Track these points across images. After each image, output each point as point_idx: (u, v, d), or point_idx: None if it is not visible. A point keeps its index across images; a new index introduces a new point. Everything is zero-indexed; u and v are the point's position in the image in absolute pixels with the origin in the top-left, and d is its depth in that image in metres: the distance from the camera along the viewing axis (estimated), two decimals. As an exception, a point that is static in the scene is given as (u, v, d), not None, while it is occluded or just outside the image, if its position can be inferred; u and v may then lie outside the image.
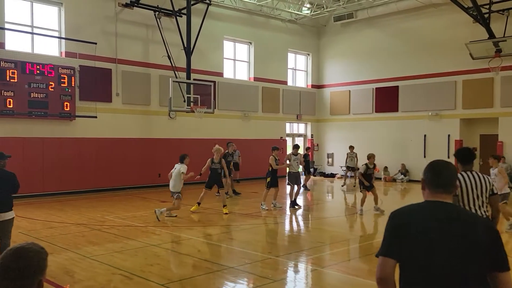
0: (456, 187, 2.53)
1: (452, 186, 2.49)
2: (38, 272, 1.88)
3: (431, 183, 2.49)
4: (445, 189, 2.47)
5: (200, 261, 7.51)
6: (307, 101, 24.67)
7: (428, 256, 2.31)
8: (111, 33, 17.15)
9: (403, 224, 2.42)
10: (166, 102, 17.21)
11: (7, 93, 14.34)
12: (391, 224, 2.47)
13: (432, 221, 2.36)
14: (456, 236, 2.30)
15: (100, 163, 16.65)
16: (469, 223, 2.37)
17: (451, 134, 20.22)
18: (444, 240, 2.30)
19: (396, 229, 2.43)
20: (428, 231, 2.35)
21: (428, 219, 2.38)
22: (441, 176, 2.49)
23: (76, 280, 6.48)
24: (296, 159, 13.42)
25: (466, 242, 2.29)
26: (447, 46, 20.03)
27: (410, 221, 2.41)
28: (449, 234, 2.31)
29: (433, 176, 2.50)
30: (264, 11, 22.22)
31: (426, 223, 2.37)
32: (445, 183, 2.48)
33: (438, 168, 2.53)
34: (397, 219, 2.46)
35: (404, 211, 2.50)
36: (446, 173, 2.50)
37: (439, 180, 2.48)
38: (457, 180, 2.55)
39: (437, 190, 2.47)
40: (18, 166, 14.66)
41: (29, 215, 11.71)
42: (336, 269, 7.25)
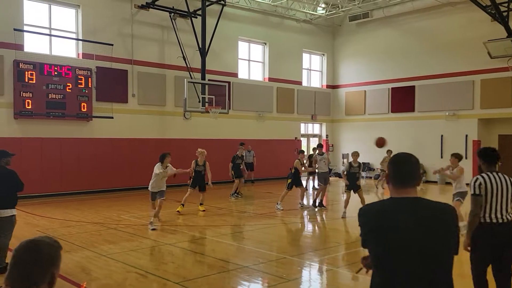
0: (420, 179, 2.51)
1: (414, 179, 2.47)
2: (50, 264, 1.90)
3: (394, 178, 2.49)
4: (409, 183, 2.45)
5: (215, 260, 7.54)
6: (322, 101, 24.57)
7: (400, 254, 2.33)
8: (127, 35, 17.34)
9: (372, 225, 2.44)
10: (181, 102, 17.33)
11: (26, 94, 14.60)
12: (361, 221, 2.51)
13: (401, 220, 2.36)
14: (425, 231, 2.32)
15: (116, 163, 16.84)
16: (434, 214, 2.39)
17: (468, 134, 19.93)
18: (413, 236, 2.31)
19: (366, 227, 2.47)
20: (396, 230, 2.35)
21: (396, 218, 2.38)
22: (401, 171, 2.48)
23: (93, 277, 6.56)
24: (322, 159, 13.24)
25: (435, 234, 2.32)
26: (465, 45, 19.76)
27: (378, 222, 2.42)
28: (417, 229, 2.32)
29: (395, 171, 2.50)
30: (278, 12, 22.22)
31: (396, 223, 2.37)
32: (406, 177, 2.47)
33: (399, 162, 2.52)
34: (364, 218, 2.49)
35: (371, 210, 2.51)
36: (407, 167, 2.49)
37: (400, 175, 2.48)
38: (419, 171, 2.52)
39: (400, 185, 2.46)
40: (37, 166, 14.97)
41: (47, 214, 11.91)
42: (350, 269, 7.20)
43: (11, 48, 14.42)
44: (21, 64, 14.53)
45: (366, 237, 2.49)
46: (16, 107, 14.53)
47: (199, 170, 12.33)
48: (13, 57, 14.46)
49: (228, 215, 12.18)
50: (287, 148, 22.43)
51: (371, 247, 2.47)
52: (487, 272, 4.67)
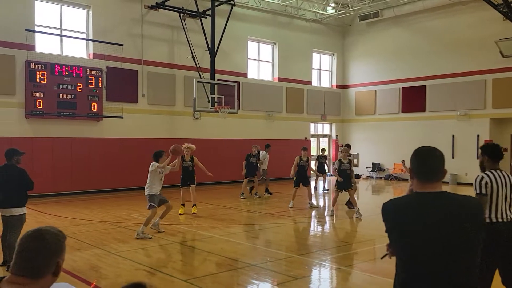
0: (444, 173, 2.44)
1: (439, 174, 2.42)
2: (54, 253, 1.91)
3: (418, 172, 2.44)
4: (432, 178, 2.40)
5: (223, 258, 7.53)
6: (331, 101, 24.47)
7: (425, 251, 2.28)
8: (137, 35, 17.44)
9: (396, 221, 2.40)
10: (190, 102, 17.37)
11: (37, 94, 14.75)
12: (385, 216, 2.47)
13: (427, 216, 2.32)
14: (452, 226, 2.27)
15: (126, 163, 16.92)
16: (461, 208, 2.33)
17: (480, 134, 19.69)
18: (440, 232, 2.27)
19: (389, 222, 2.43)
20: (421, 225, 2.31)
21: (420, 212, 2.34)
22: (426, 165, 2.43)
23: (102, 275, 6.59)
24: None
25: (462, 229, 2.27)
26: (476, 44, 19.55)
27: (402, 217, 2.38)
28: (447, 226, 2.27)
29: (419, 165, 2.45)
30: (288, 11, 22.18)
31: (421, 218, 2.32)
32: (431, 171, 2.41)
33: (423, 156, 2.47)
34: (388, 214, 2.45)
35: (395, 205, 2.47)
36: (432, 161, 2.44)
37: (425, 169, 2.42)
38: (444, 165, 2.46)
39: (425, 179, 2.41)
40: (48, 165, 15.11)
41: (57, 212, 12.00)
42: (360, 269, 7.15)
43: (23, 48, 14.57)
44: (32, 65, 14.68)
45: (390, 232, 2.45)
46: (27, 107, 14.68)
47: (186, 166, 11.91)
48: (24, 57, 14.62)
49: (237, 214, 12.18)
50: (297, 148, 22.33)
51: (394, 243, 2.43)
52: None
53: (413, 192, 2.49)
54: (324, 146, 21.40)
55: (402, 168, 10.10)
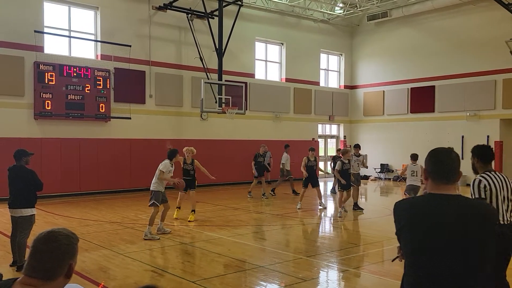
0: (459, 175, 2.40)
1: (454, 175, 2.38)
2: (67, 255, 1.92)
3: (434, 173, 2.39)
4: (448, 179, 2.36)
5: (231, 259, 7.50)
6: (339, 102, 24.37)
7: (435, 254, 2.25)
8: (145, 36, 17.48)
9: (407, 221, 2.37)
10: (198, 103, 17.37)
11: (46, 95, 14.83)
12: (396, 216, 2.44)
13: (439, 217, 2.28)
14: (465, 230, 2.23)
15: (134, 164, 16.96)
16: (477, 214, 2.28)
17: (490, 135, 19.50)
18: (452, 235, 2.23)
19: (401, 223, 2.40)
20: (433, 227, 2.27)
21: (433, 214, 2.30)
22: (443, 165, 2.38)
23: (111, 276, 6.58)
24: (357, 160, 13.06)
25: (475, 234, 2.23)
26: (486, 44, 19.36)
27: (414, 217, 2.35)
28: (459, 229, 2.23)
29: (435, 166, 2.40)
30: (296, 12, 22.12)
31: (433, 220, 2.29)
32: (448, 172, 2.37)
33: (440, 157, 2.42)
34: (400, 214, 2.42)
35: (407, 205, 2.43)
36: (449, 162, 2.39)
37: (442, 170, 2.38)
38: (459, 167, 2.41)
39: (440, 181, 2.37)
40: (56, 166, 15.18)
41: (66, 213, 12.05)
42: (369, 271, 7.08)
43: (32, 50, 14.66)
44: (41, 66, 14.76)
45: (400, 233, 2.41)
46: (36, 108, 14.76)
47: (187, 169, 11.24)
48: (33, 58, 14.70)
49: (244, 215, 12.14)
50: (304, 149, 22.25)
51: (404, 243, 2.39)
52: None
53: (427, 193, 2.44)
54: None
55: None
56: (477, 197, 4.24)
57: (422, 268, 2.31)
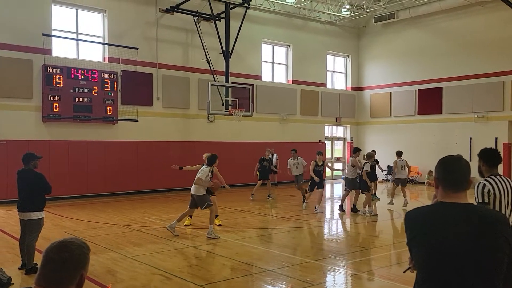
0: (470, 183, 2.38)
1: (466, 183, 2.36)
2: (79, 265, 1.92)
3: (445, 181, 2.37)
4: (459, 187, 2.35)
5: (238, 263, 7.49)
6: (346, 103, 24.30)
7: (448, 264, 2.22)
8: (152, 38, 17.53)
9: (419, 231, 2.35)
10: (205, 105, 17.40)
11: (54, 97, 14.91)
12: (407, 225, 2.43)
13: (451, 226, 2.25)
14: (478, 240, 2.20)
15: (141, 166, 17.01)
16: (489, 223, 2.25)
17: (498, 137, 19.35)
18: (464, 245, 2.20)
19: (412, 232, 2.38)
20: (445, 237, 2.24)
21: (445, 223, 2.27)
22: (454, 173, 2.37)
23: (118, 279, 6.59)
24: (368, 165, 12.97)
25: (488, 244, 2.20)
26: (494, 45, 19.23)
27: (425, 227, 2.33)
28: (471, 238, 2.21)
29: (446, 174, 2.38)
30: (302, 13, 22.10)
31: (445, 229, 2.26)
32: (459, 181, 2.36)
33: (451, 165, 2.41)
34: (411, 223, 2.40)
35: (418, 215, 2.41)
36: (459, 170, 2.38)
37: (453, 177, 2.36)
38: (470, 175, 2.40)
39: (451, 188, 2.35)
40: (64, 169, 15.26)
41: (74, 215, 12.10)
42: (377, 274, 7.04)
43: (40, 52, 14.76)
44: (49, 68, 14.85)
45: (412, 243, 2.39)
46: (44, 111, 14.85)
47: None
48: (41, 61, 14.80)
49: (251, 218, 12.13)
50: (311, 151, 22.20)
51: (416, 253, 2.36)
52: None
53: (438, 201, 2.42)
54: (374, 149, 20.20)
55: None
56: (480, 201, 4.19)
57: (434, 278, 2.29)
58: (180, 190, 17.77)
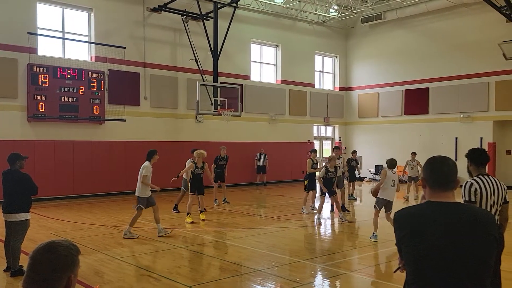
0: (457, 182, 2.42)
1: (453, 182, 2.40)
2: (67, 267, 1.87)
3: (432, 181, 2.41)
4: (447, 186, 2.38)
5: (228, 263, 7.46)
6: (334, 103, 24.41)
7: (437, 262, 2.25)
8: (140, 38, 17.40)
9: (408, 230, 2.37)
10: (193, 105, 17.33)
11: (39, 97, 14.71)
12: (396, 225, 2.45)
13: (440, 225, 2.28)
14: (465, 238, 2.24)
15: (129, 166, 16.85)
16: (478, 222, 2.29)
17: (483, 136, 19.62)
18: (455, 243, 2.24)
19: (401, 232, 2.40)
20: (434, 236, 2.27)
21: (434, 223, 2.30)
22: (442, 172, 2.40)
23: (106, 280, 6.52)
24: (338, 163, 12.97)
25: (476, 241, 2.24)
26: (479, 47, 19.49)
27: (414, 226, 2.35)
28: (459, 237, 2.24)
29: (434, 174, 2.41)
30: (291, 14, 22.14)
31: (434, 228, 2.29)
32: (447, 180, 2.39)
33: (438, 164, 2.44)
34: (400, 223, 2.43)
35: (407, 214, 2.44)
36: (447, 169, 2.41)
37: (440, 177, 2.40)
38: (457, 175, 2.43)
39: (439, 188, 2.38)
40: (50, 169, 15.06)
41: (60, 216, 11.95)
42: (365, 273, 7.08)
43: (25, 51, 14.55)
44: (34, 68, 14.65)
45: (401, 242, 2.41)
46: (29, 110, 14.64)
47: (198, 173, 11.19)
48: (26, 60, 14.59)
49: (240, 218, 12.10)
50: (300, 151, 22.31)
51: (406, 253, 2.38)
52: None
53: (426, 201, 2.44)
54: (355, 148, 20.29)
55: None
56: (467, 200, 4.27)
57: (424, 277, 2.30)
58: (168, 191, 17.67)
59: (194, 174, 11.20)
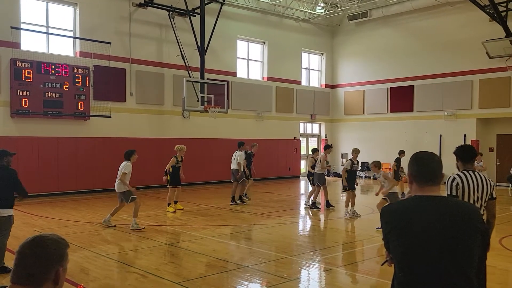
0: (442, 177, 2.48)
1: (438, 178, 2.45)
2: (54, 260, 1.85)
3: (419, 176, 2.45)
4: (433, 181, 2.43)
5: (215, 260, 7.46)
6: (321, 101, 24.52)
7: (424, 255, 2.29)
8: (125, 33, 17.23)
9: (395, 224, 2.40)
10: (180, 102, 17.24)
11: (23, 92, 14.48)
12: (383, 220, 2.48)
13: (427, 218, 2.32)
14: (451, 231, 2.28)
15: (114, 163, 16.61)
16: (463, 215, 2.34)
17: (467, 134, 19.91)
18: (439, 236, 2.28)
19: (389, 227, 2.44)
20: (420, 229, 2.31)
21: (421, 216, 2.34)
22: (428, 168, 2.45)
23: (92, 278, 6.46)
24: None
25: (462, 234, 2.28)
26: (463, 45, 19.74)
27: (401, 220, 2.38)
28: (445, 229, 2.28)
29: (420, 169, 2.46)
30: (277, 11, 22.15)
31: (421, 221, 2.33)
32: (433, 175, 2.43)
33: (424, 160, 2.49)
34: (388, 218, 2.46)
35: (394, 209, 2.48)
36: (433, 164, 2.46)
37: (427, 172, 2.44)
38: (442, 170, 2.49)
39: (426, 183, 2.43)
40: (34, 166, 14.85)
41: (44, 213, 11.80)
42: (351, 269, 7.15)
43: (8, 46, 14.29)
44: (18, 63, 14.40)
45: (388, 237, 2.44)
46: (12, 106, 14.40)
47: (178, 167, 12.01)
48: (10, 55, 14.34)
49: (227, 214, 12.10)
50: (286, 148, 22.38)
51: (393, 246, 2.41)
52: None
53: (413, 195, 2.48)
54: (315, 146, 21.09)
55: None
56: (449, 193, 4.35)
57: (412, 270, 2.34)
58: (154, 188, 17.58)
59: (175, 167, 11.95)
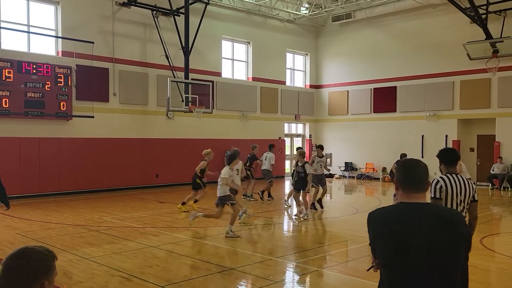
0: (428, 184, 2.53)
1: (425, 184, 2.50)
2: (39, 273, 1.83)
3: (405, 183, 2.50)
4: (418, 188, 2.47)
5: (200, 262, 7.43)
6: (305, 101, 24.62)
7: (409, 260, 2.32)
8: (108, 32, 17.05)
9: (381, 230, 2.43)
10: (164, 102, 17.13)
11: (3, 92, 14.21)
12: (369, 226, 2.51)
13: (412, 225, 2.36)
14: (435, 237, 2.32)
15: (97, 164, 16.54)
16: (448, 221, 2.38)
17: (448, 134, 20.23)
18: (423, 242, 2.31)
19: (374, 232, 2.47)
20: (405, 235, 2.34)
21: (406, 222, 2.38)
22: (413, 175, 2.50)
23: (74, 281, 6.38)
24: (320, 161, 12.96)
25: (445, 240, 2.32)
26: (445, 47, 20.04)
27: (387, 226, 2.42)
28: (430, 235, 2.32)
29: (406, 176, 2.51)
30: (262, 11, 22.17)
31: (406, 227, 2.36)
32: (418, 181, 2.48)
33: (410, 167, 2.54)
34: (374, 224, 2.49)
35: (381, 215, 2.51)
36: (418, 171, 2.51)
37: (412, 179, 2.49)
38: (428, 177, 2.55)
39: (412, 190, 2.47)
40: (15, 166, 14.58)
41: (26, 216, 11.61)
42: (336, 270, 7.20)
43: (-12, 45, 14.02)
44: (-2, 62, 14.13)
45: (374, 242, 2.47)
46: (-7, 106, 14.13)
47: (205, 170, 12.36)
48: (-11, 54, 14.07)
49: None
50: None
51: (379, 252, 2.44)
52: None
53: (399, 202, 2.52)
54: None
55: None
56: (432, 196, 4.41)
57: (397, 276, 2.37)
58: (138, 188, 17.45)
59: (203, 170, 12.24)
